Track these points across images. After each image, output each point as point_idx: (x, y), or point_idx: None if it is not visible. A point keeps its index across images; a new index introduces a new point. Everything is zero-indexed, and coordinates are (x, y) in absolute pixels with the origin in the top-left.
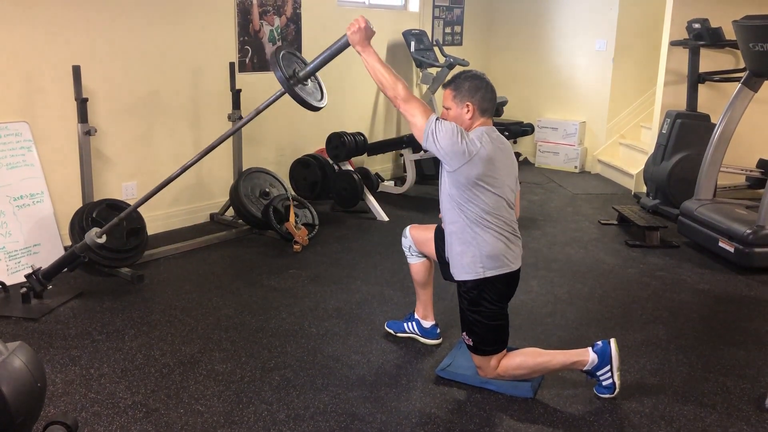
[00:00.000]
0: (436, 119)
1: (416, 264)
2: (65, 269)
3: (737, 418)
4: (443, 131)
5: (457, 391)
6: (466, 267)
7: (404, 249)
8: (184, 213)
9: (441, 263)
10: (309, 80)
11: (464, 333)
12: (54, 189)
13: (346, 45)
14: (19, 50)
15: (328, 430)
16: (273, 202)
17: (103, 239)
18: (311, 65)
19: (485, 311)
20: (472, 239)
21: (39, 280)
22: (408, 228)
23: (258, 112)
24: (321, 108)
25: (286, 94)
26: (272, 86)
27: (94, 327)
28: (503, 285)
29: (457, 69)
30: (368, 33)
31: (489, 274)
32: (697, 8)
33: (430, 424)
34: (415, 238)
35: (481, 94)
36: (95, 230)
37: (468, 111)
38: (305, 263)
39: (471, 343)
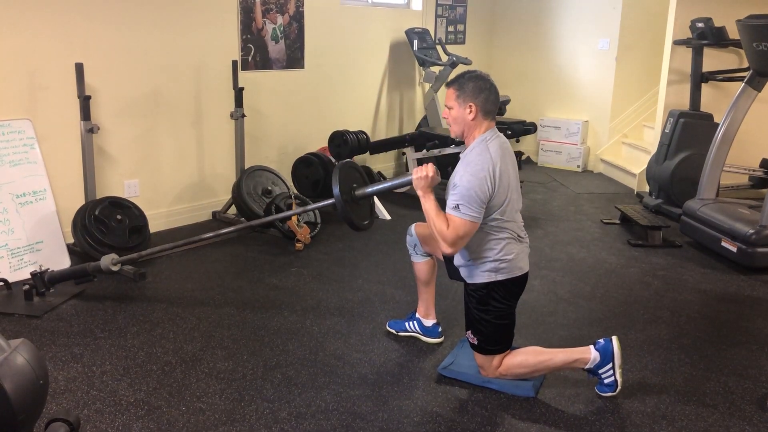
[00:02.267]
0: (453, 208)
1: (420, 263)
2: (72, 280)
3: (739, 418)
4: (469, 201)
5: (459, 390)
6: (477, 272)
7: (409, 247)
8: (187, 211)
9: (447, 262)
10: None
11: (469, 331)
12: (57, 186)
13: (409, 184)
14: (22, 48)
15: (330, 429)
16: (275, 200)
17: (117, 267)
18: (370, 189)
19: (493, 310)
20: (483, 245)
21: (44, 281)
22: (413, 226)
23: (305, 211)
24: (364, 228)
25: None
26: (274, 85)
27: (96, 324)
28: (514, 285)
29: (460, 68)
30: (433, 182)
31: (500, 277)
32: (700, 7)
33: (432, 422)
34: (421, 237)
35: (485, 96)
36: (112, 257)
37: (471, 112)
38: (307, 262)
39: (476, 342)
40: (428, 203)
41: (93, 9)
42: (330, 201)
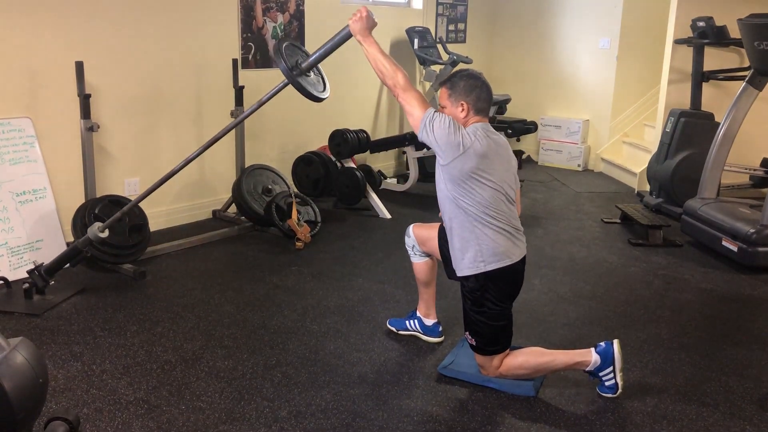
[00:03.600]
0: (434, 111)
1: (419, 263)
2: (67, 264)
3: (740, 418)
4: (439, 123)
5: (459, 389)
6: (466, 262)
7: (407, 248)
8: (187, 209)
9: (445, 262)
10: (312, 72)
11: (467, 333)
12: (56, 185)
13: (348, 36)
14: (23, 46)
15: (330, 428)
16: (275, 199)
17: (105, 234)
18: (313, 56)
19: (488, 312)
20: (471, 234)
21: (41, 275)
22: (411, 227)
23: (261, 104)
24: (323, 99)
25: (289, 88)
26: (275, 82)
27: (96, 323)
28: (506, 284)
29: (461, 66)
30: (369, 23)
31: (489, 268)
32: (701, 6)
33: (432, 422)
34: (419, 237)
35: (476, 94)
36: (97, 225)
37: (462, 110)
38: (307, 260)
39: (474, 343)
40: (370, 46)
41: (93, 7)
42: (283, 82)
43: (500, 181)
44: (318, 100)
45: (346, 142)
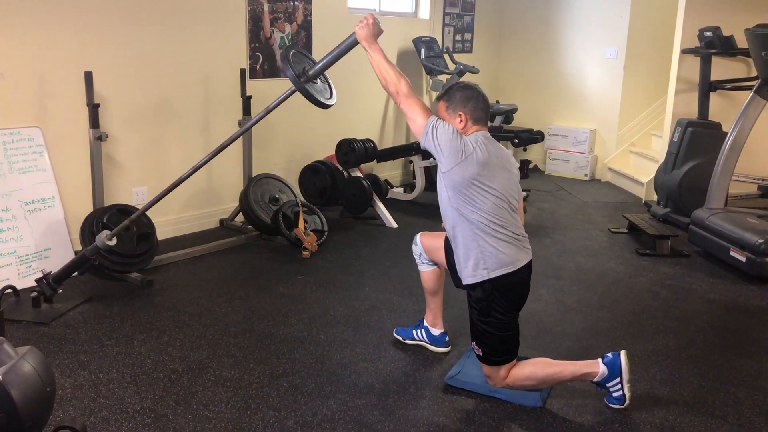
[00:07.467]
0: (437, 119)
1: (427, 272)
2: (75, 273)
3: (749, 430)
4: (442, 129)
5: (466, 399)
6: (469, 270)
7: (415, 256)
8: (194, 218)
9: (452, 271)
10: (319, 79)
11: (474, 343)
12: (65, 194)
13: (355, 43)
14: (32, 56)
15: None
16: (282, 208)
17: (113, 242)
18: (320, 63)
19: (495, 322)
20: (473, 242)
21: (49, 284)
22: (418, 235)
23: (268, 111)
24: (330, 105)
25: (297, 97)
26: (282, 92)
27: (103, 332)
28: (513, 294)
29: (468, 76)
30: (376, 30)
31: (493, 275)
32: (709, 16)
33: None
34: (426, 246)
35: (473, 104)
36: (105, 233)
37: (461, 120)
38: (314, 269)
39: (481, 353)
40: (375, 53)
41: (102, 17)
42: (291, 89)
43: (502, 188)
44: (325, 106)
45: (353, 151)
